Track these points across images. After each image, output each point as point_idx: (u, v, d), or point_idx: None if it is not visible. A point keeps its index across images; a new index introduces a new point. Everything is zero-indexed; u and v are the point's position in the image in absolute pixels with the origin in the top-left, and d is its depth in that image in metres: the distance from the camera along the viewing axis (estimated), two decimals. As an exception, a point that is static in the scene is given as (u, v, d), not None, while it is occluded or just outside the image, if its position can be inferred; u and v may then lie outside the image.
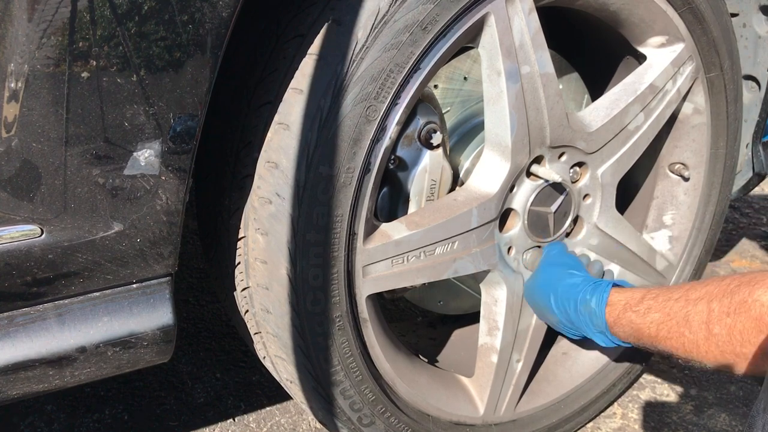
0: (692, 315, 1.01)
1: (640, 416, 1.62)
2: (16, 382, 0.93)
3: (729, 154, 1.48)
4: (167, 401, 1.57)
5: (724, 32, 1.35)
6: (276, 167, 1.01)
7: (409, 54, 1.00)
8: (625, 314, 1.13)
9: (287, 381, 1.20)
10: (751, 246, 2.45)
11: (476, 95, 1.29)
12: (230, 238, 1.12)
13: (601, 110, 1.27)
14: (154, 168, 0.89)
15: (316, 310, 1.07)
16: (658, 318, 1.07)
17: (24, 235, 0.86)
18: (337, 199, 1.02)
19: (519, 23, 1.09)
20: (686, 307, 1.03)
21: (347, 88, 0.97)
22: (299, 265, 1.03)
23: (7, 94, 0.78)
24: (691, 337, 1.01)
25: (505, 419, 1.38)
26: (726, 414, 1.63)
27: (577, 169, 1.28)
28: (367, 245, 1.08)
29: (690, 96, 1.38)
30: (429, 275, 1.15)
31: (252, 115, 1.05)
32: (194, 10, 0.83)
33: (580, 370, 1.48)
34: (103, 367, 0.98)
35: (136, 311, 0.97)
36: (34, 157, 0.82)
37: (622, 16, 1.27)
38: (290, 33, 1.03)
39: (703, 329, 0.99)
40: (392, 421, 1.22)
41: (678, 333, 1.03)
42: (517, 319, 1.29)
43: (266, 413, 1.56)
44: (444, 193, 1.20)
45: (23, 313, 0.92)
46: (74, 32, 0.78)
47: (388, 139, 1.04)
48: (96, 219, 0.89)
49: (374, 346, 1.16)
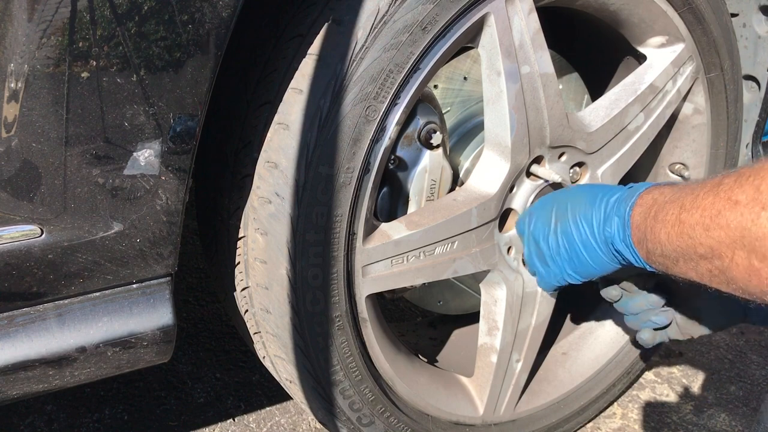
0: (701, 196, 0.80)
1: (640, 416, 1.62)
2: (16, 382, 0.93)
3: (729, 154, 1.48)
4: (167, 401, 1.57)
5: (724, 32, 1.35)
6: (275, 167, 1.01)
7: (409, 54, 1.00)
8: (651, 212, 0.92)
9: (287, 381, 1.20)
10: (751, 246, 2.44)
11: (476, 95, 1.29)
12: (230, 238, 1.12)
13: (601, 110, 1.27)
14: (154, 168, 0.89)
15: (316, 310, 1.07)
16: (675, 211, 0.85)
17: (24, 235, 0.86)
18: (337, 199, 1.02)
19: (519, 23, 1.09)
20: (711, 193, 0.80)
21: (347, 88, 0.97)
22: (299, 264, 1.03)
23: (7, 94, 0.78)
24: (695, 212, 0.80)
25: (505, 419, 1.38)
26: (726, 414, 1.63)
27: (577, 169, 1.28)
28: (367, 245, 1.08)
29: (690, 96, 1.38)
30: (429, 275, 1.15)
31: (252, 115, 1.05)
32: (194, 10, 0.83)
33: (579, 370, 1.48)
34: (103, 367, 0.98)
35: (136, 311, 0.97)
36: (34, 157, 0.82)
37: (622, 16, 1.27)
38: (290, 33, 1.03)
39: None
40: (392, 421, 1.23)
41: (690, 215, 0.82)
42: (516, 319, 1.29)
43: (266, 413, 1.56)
44: (444, 193, 1.20)
45: (23, 313, 0.92)
46: (74, 32, 0.78)
47: (387, 139, 1.04)
48: (96, 219, 0.89)
49: (374, 346, 1.16)
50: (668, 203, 0.88)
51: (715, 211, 0.77)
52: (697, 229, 0.80)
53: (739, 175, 0.76)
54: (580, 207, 1.06)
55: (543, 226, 1.11)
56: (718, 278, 0.81)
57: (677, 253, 0.86)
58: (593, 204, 1.04)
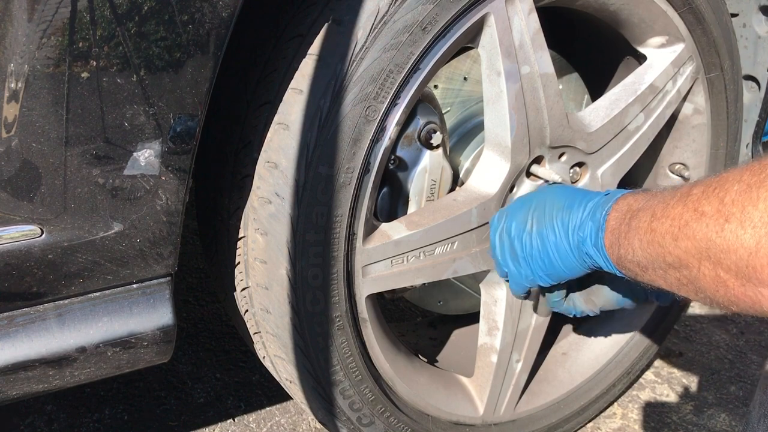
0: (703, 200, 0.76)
1: (640, 416, 1.62)
2: (16, 382, 0.93)
3: (729, 155, 1.48)
4: (167, 401, 1.57)
5: (724, 32, 1.35)
6: (275, 167, 1.01)
7: (409, 54, 1.00)
8: (626, 222, 0.91)
9: (287, 381, 1.20)
10: (752, 246, 2.44)
11: (476, 95, 1.29)
12: (230, 238, 1.12)
13: (601, 110, 1.27)
14: (154, 168, 0.89)
15: (316, 310, 1.07)
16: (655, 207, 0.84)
17: (24, 235, 0.86)
18: (337, 199, 1.02)
19: (519, 23, 1.09)
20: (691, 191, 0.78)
21: (347, 88, 0.97)
22: (299, 265, 1.03)
23: (7, 94, 0.78)
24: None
25: (505, 419, 1.38)
26: (726, 414, 1.63)
27: (577, 169, 1.28)
28: (367, 245, 1.08)
29: (690, 96, 1.38)
30: (429, 275, 1.15)
31: (252, 115, 1.05)
32: (194, 10, 0.83)
33: (579, 370, 1.49)
34: (103, 367, 0.98)
35: (136, 311, 0.97)
36: (34, 157, 0.82)
37: (622, 16, 1.27)
38: (290, 33, 1.03)
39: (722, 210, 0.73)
40: (392, 421, 1.23)
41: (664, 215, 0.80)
42: (516, 319, 1.29)
43: (266, 413, 1.56)
44: (444, 193, 1.20)
45: (23, 313, 0.92)
46: (74, 32, 0.78)
47: (387, 139, 1.04)
48: (96, 219, 0.89)
49: (374, 346, 1.16)
50: (641, 210, 0.88)
51: (683, 221, 0.78)
52: (667, 238, 0.80)
53: (706, 186, 0.76)
54: (558, 211, 1.07)
55: (518, 226, 1.12)
56: (686, 287, 0.81)
57: (647, 261, 0.86)
58: (571, 208, 1.05)
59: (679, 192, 0.82)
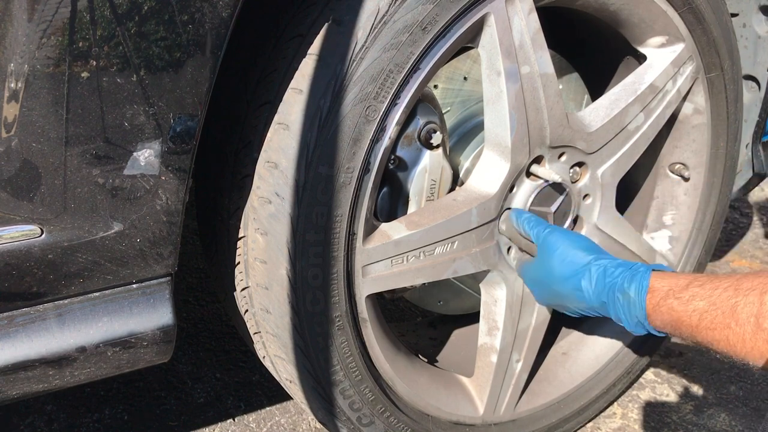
0: (741, 306, 0.91)
1: (640, 416, 1.62)
2: (16, 382, 0.93)
3: (729, 154, 1.48)
4: (167, 401, 1.57)
5: (724, 32, 1.35)
6: (275, 167, 1.01)
7: (409, 54, 1.00)
8: (666, 301, 1.02)
9: (287, 381, 1.20)
10: (751, 246, 2.45)
11: (476, 95, 1.29)
12: (230, 238, 1.12)
13: (601, 110, 1.27)
14: (154, 168, 0.89)
15: (316, 310, 1.07)
16: (702, 306, 0.97)
17: (24, 235, 0.86)
18: (337, 199, 1.02)
19: (519, 23, 1.09)
20: (735, 297, 0.92)
21: (347, 88, 0.97)
22: (299, 264, 1.03)
23: (7, 94, 0.78)
24: (738, 330, 0.91)
25: (505, 419, 1.38)
26: (726, 414, 1.63)
27: (577, 169, 1.28)
28: (367, 245, 1.08)
29: (690, 96, 1.38)
30: (429, 275, 1.15)
31: (252, 115, 1.05)
32: (194, 10, 0.83)
33: (579, 370, 1.49)
34: (103, 367, 0.98)
35: (136, 311, 0.97)
36: (34, 157, 0.82)
37: (622, 16, 1.27)
38: (290, 33, 1.03)
39: (752, 323, 0.89)
40: (392, 421, 1.23)
41: (723, 324, 0.93)
42: (516, 319, 1.29)
43: (266, 413, 1.56)
44: (444, 193, 1.20)
45: (23, 313, 0.92)
46: (74, 32, 0.78)
47: (387, 139, 1.04)
48: (96, 219, 0.89)
49: (374, 346, 1.16)
50: (706, 308, 0.98)
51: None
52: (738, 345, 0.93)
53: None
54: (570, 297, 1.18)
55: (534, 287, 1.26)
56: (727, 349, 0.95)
57: (703, 341, 0.99)
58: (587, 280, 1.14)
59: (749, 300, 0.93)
